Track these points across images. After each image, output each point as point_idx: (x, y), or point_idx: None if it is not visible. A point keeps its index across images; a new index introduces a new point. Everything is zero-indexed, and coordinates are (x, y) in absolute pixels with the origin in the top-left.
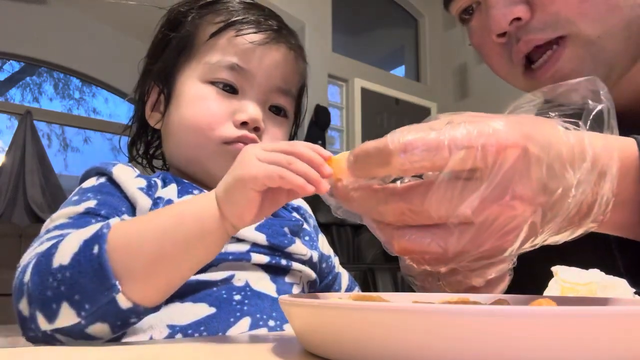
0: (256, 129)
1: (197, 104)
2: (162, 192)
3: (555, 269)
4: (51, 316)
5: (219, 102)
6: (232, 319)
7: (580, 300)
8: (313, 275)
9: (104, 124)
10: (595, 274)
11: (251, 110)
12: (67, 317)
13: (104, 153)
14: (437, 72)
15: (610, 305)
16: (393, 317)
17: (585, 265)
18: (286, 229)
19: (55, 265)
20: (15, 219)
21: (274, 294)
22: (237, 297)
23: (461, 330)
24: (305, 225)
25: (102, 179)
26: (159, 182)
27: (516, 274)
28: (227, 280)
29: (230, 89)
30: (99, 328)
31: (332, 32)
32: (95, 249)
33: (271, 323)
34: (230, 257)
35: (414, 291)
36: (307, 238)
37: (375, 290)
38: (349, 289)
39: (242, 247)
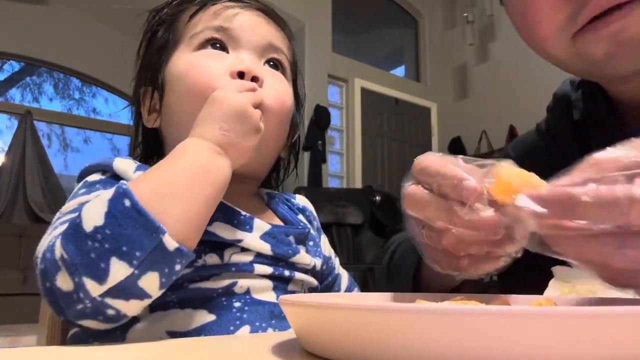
0: (254, 80)
1: (191, 71)
2: None
3: (555, 269)
4: (102, 276)
5: (211, 60)
6: (232, 327)
7: (580, 300)
8: (315, 282)
9: (104, 124)
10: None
11: (246, 60)
12: (119, 271)
13: (103, 153)
14: (437, 72)
15: (610, 305)
16: (393, 317)
17: None
18: (291, 238)
19: (90, 229)
20: (15, 219)
21: (275, 302)
22: (237, 304)
23: (461, 330)
24: (309, 228)
25: (108, 174)
26: None
27: (516, 274)
28: (229, 288)
29: (220, 48)
30: (150, 279)
31: (332, 32)
32: (127, 202)
33: (270, 331)
34: (233, 269)
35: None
36: (311, 243)
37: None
38: (349, 290)
39: (246, 258)
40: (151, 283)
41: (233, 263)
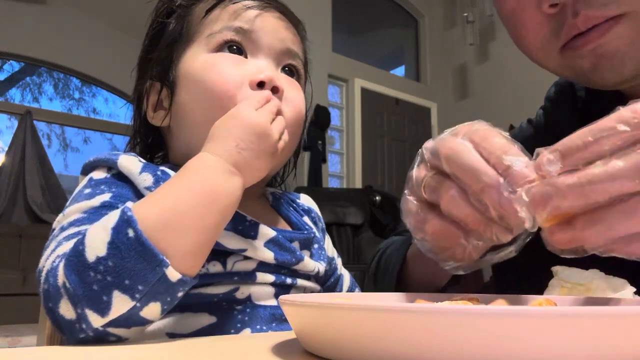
0: (274, 91)
1: (208, 73)
2: None
3: (555, 269)
4: (104, 309)
5: (231, 65)
6: (232, 330)
7: (580, 300)
8: (317, 288)
9: (104, 124)
10: (595, 274)
11: (266, 69)
12: (121, 304)
13: None
14: (437, 72)
15: (610, 305)
16: (393, 317)
17: (585, 265)
18: (296, 244)
19: (92, 259)
20: (15, 219)
21: (276, 305)
22: (238, 307)
23: (461, 330)
24: (315, 231)
25: (113, 172)
26: (171, 173)
27: (517, 274)
28: (230, 294)
29: (238, 51)
30: (152, 309)
31: (332, 32)
32: (131, 233)
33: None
34: (236, 278)
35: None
36: (316, 246)
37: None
38: (350, 291)
39: (249, 266)
40: (153, 312)
41: (235, 272)
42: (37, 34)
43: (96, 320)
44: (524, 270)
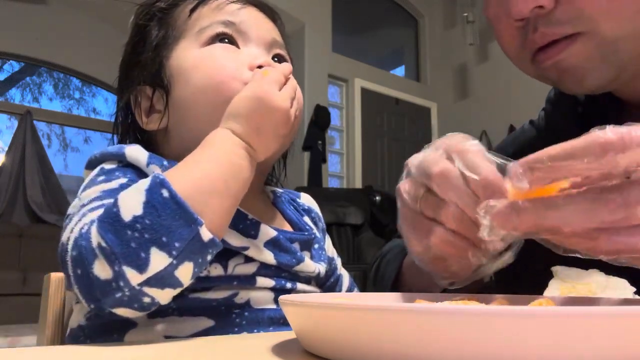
0: None
1: (207, 64)
2: None
3: (555, 269)
4: (142, 266)
5: (228, 54)
6: (230, 334)
7: (580, 300)
8: (318, 291)
9: (104, 124)
10: (595, 274)
11: (261, 56)
12: (159, 261)
13: None
14: (437, 72)
15: (610, 305)
16: (393, 317)
17: (585, 265)
18: (296, 245)
19: (129, 218)
20: (15, 219)
21: (274, 308)
22: (236, 311)
23: (461, 330)
24: (315, 231)
25: (122, 163)
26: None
27: (516, 274)
28: (229, 299)
29: (230, 43)
30: (186, 269)
31: (332, 32)
32: (165, 193)
33: None
34: (235, 282)
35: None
36: (316, 246)
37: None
38: (349, 291)
39: (249, 269)
40: (186, 273)
41: (236, 275)
42: (37, 34)
43: (134, 277)
44: (524, 270)
